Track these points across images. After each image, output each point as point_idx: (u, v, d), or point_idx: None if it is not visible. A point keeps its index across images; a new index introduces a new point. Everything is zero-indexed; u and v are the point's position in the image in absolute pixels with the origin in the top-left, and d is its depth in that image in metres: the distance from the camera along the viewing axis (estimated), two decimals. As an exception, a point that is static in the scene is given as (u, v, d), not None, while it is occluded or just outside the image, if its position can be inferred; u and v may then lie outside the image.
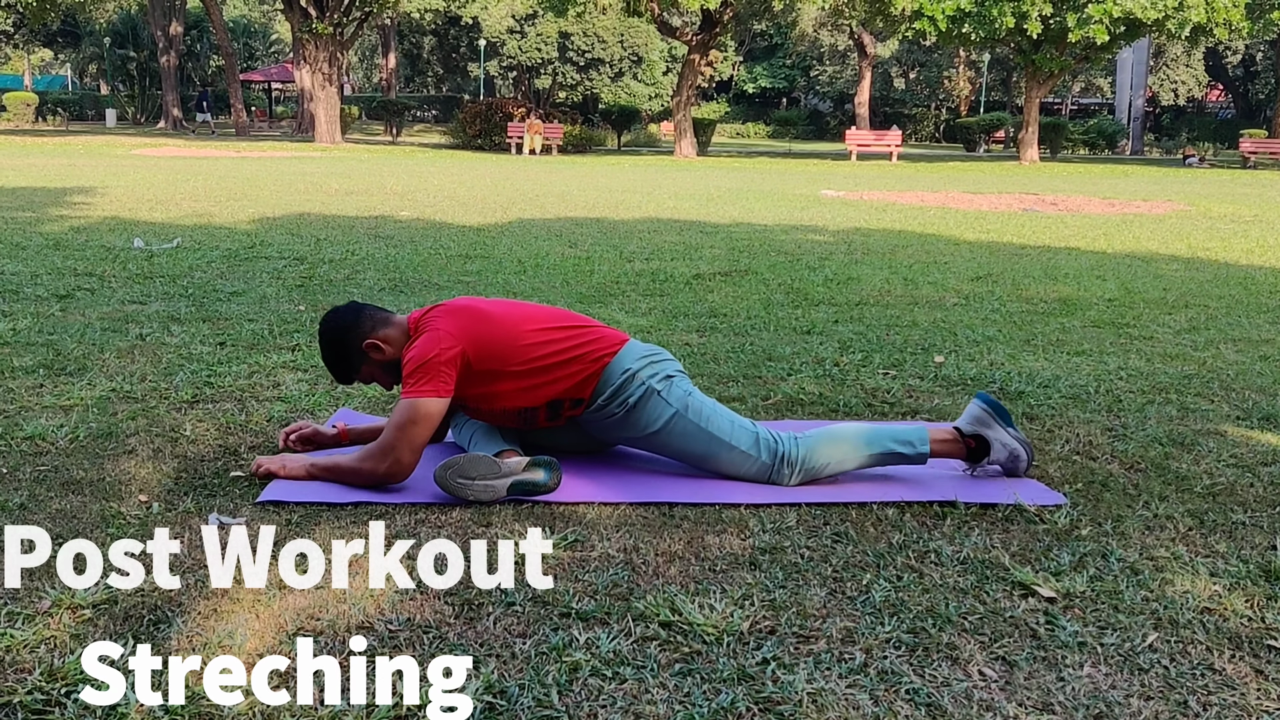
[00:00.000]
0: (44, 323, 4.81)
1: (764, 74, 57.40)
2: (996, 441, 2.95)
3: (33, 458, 2.97)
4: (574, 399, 2.92)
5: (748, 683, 1.88)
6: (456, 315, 2.88)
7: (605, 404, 2.90)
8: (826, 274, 7.05)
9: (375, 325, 2.94)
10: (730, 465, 2.89)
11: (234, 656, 1.89)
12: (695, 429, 2.89)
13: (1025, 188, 18.68)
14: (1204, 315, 5.80)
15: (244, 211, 10.48)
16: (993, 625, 2.12)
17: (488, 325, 2.87)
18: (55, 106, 47.20)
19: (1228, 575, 2.38)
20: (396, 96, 45.84)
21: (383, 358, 2.93)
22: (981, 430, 2.97)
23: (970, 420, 3.00)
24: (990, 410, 2.99)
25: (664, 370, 2.94)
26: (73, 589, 2.11)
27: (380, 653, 1.93)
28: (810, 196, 15.25)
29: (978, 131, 39.54)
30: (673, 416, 2.88)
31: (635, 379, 2.88)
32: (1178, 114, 55.72)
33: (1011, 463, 2.96)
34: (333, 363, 3.02)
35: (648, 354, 2.96)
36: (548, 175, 19.36)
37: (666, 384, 2.91)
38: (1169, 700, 1.86)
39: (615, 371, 2.89)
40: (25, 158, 20.62)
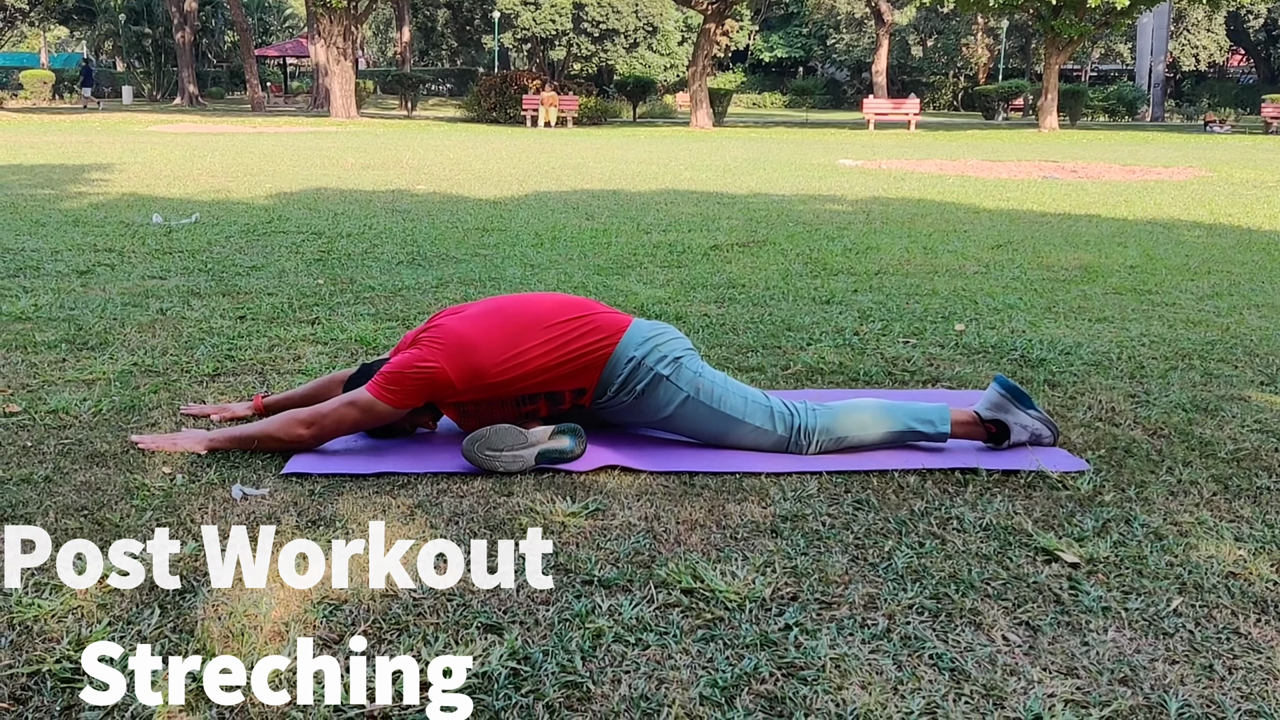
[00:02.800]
0: (65, 298, 4.83)
1: (780, 43, 57.01)
2: (1016, 425, 2.92)
3: (57, 431, 2.99)
4: (576, 390, 2.88)
5: (770, 648, 1.89)
6: (446, 350, 2.81)
7: (615, 394, 2.87)
8: (845, 243, 7.01)
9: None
10: (747, 441, 2.88)
11: (259, 625, 1.91)
12: (708, 410, 2.86)
13: (1045, 155, 18.54)
14: (1226, 281, 5.75)
15: (261, 186, 10.50)
16: (1016, 591, 2.11)
17: (471, 354, 2.80)
18: (72, 84, 47.29)
19: (1252, 540, 2.36)
20: (411, 70, 45.72)
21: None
22: (1000, 416, 2.94)
23: (988, 405, 2.96)
24: (1007, 394, 2.95)
25: (671, 352, 2.88)
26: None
27: (404, 620, 1.95)
28: (828, 166, 15.16)
29: (996, 99, 39.24)
30: (684, 400, 2.85)
31: (641, 366, 2.84)
32: (1199, 79, 55.13)
33: (1035, 443, 2.93)
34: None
35: (652, 336, 2.90)
36: (563, 148, 19.30)
37: (675, 367, 2.86)
38: (1194, 664, 1.85)
39: (620, 361, 2.84)
40: (43, 135, 20.69)
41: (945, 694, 1.75)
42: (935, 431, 2.91)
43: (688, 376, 2.86)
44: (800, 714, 1.69)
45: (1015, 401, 2.95)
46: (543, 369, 2.82)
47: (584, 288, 5.27)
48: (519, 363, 2.80)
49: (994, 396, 2.97)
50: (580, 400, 2.92)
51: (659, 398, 2.86)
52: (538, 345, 2.82)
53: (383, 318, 4.53)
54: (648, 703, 1.71)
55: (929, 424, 2.91)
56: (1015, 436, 2.93)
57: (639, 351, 2.85)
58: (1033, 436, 2.93)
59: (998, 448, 2.94)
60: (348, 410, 2.80)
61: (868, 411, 2.91)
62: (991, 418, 2.94)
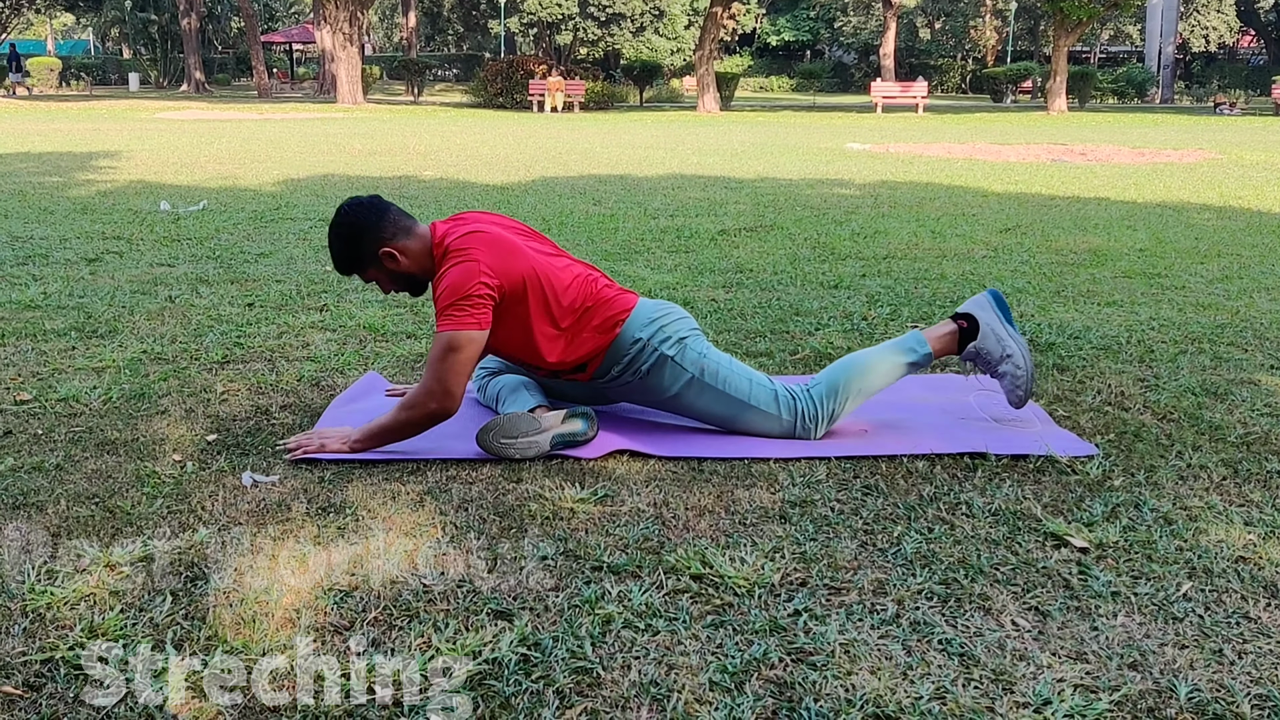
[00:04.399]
0: (74, 286, 4.84)
1: (787, 26, 56.76)
2: (986, 326, 2.92)
3: (67, 419, 3.00)
4: (576, 365, 2.86)
5: (780, 634, 1.89)
6: (494, 249, 2.73)
7: (620, 374, 2.86)
8: (853, 228, 7.00)
9: (396, 233, 2.78)
10: (754, 425, 2.87)
11: (270, 612, 1.92)
12: (713, 392, 2.85)
13: (1053, 138, 18.46)
14: (1236, 264, 5.73)
15: (268, 173, 10.50)
16: (1025, 576, 2.11)
17: (520, 261, 2.74)
18: (79, 71, 47.30)
19: (1262, 524, 2.36)
20: (417, 56, 45.66)
21: (396, 268, 2.79)
22: (974, 311, 2.96)
23: (968, 304, 2.99)
24: (992, 300, 2.98)
25: (676, 333, 2.86)
26: (110, 548, 2.14)
27: (415, 607, 1.96)
28: (835, 150, 15.12)
29: (1004, 82, 39.06)
30: (689, 381, 2.84)
31: (646, 347, 2.82)
32: (1209, 61, 54.79)
33: (1000, 351, 2.91)
34: (340, 256, 2.86)
35: (658, 316, 2.87)
36: (570, 133, 19.27)
37: (680, 348, 2.84)
38: (1204, 649, 1.85)
39: (625, 341, 2.82)
40: (50, 122, 20.70)
41: (954, 679, 1.75)
42: (921, 355, 2.94)
43: (692, 357, 2.85)
44: (809, 699, 1.69)
45: (997, 308, 2.96)
46: (565, 313, 2.78)
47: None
48: (551, 294, 2.77)
49: (979, 298, 3.00)
50: (578, 375, 2.89)
51: (664, 378, 2.85)
52: (568, 287, 2.80)
53: (391, 304, 4.53)
54: (657, 688, 1.72)
55: (911, 350, 2.94)
56: (983, 341, 2.92)
57: (644, 333, 2.83)
58: (999, 342, 2.91)
59: (965, 352, 2.96)
60: (451, 361, 2.65)
61: (854, 369, 2.91)
62: (964, 311, 2.98)
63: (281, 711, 1.65)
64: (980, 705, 1.68)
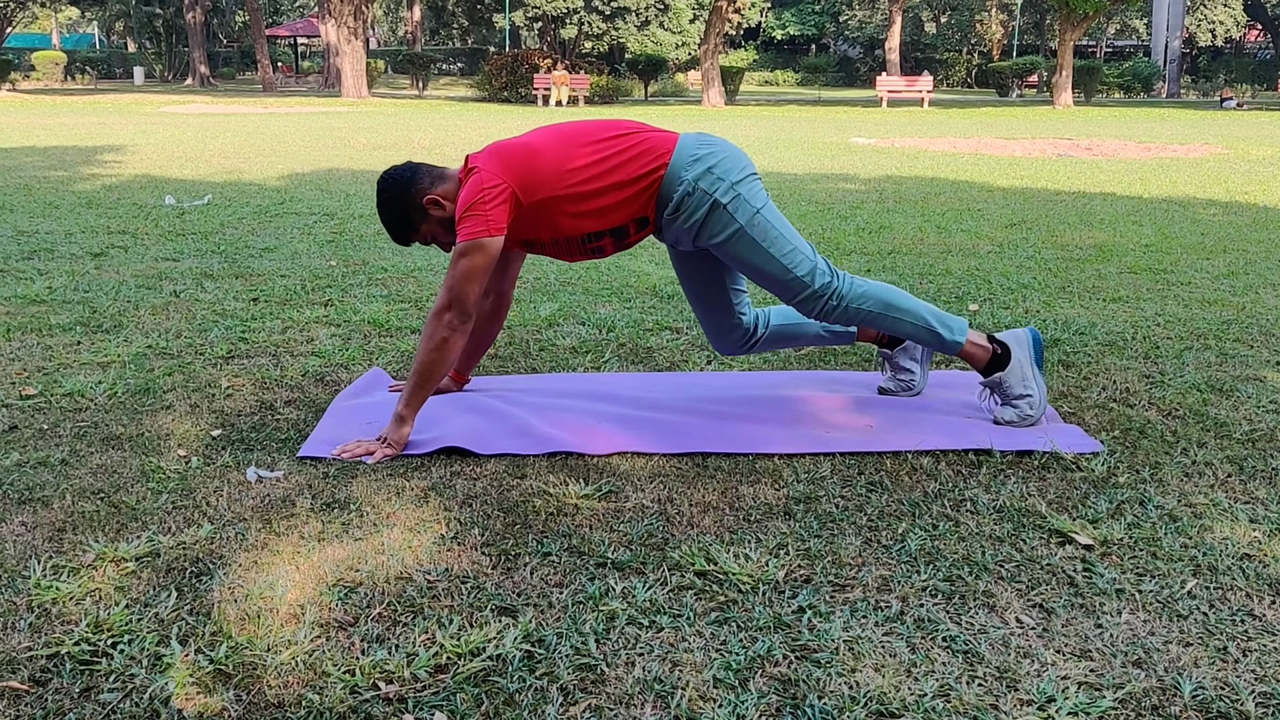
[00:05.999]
0: (79, 281, 4.85)
1: (792, 20, 56.66)
2: (1017, 362, 2.96)
3: (73, 414, 3.01)
4: (639, 219, 2.83)
5: (784, 631, 1.89)
6: (500, 155, 2.77)
7: (673, 217, 2.81)
8: (858, 223, 6.99)
9: (433, 181, 2.84)
10: (779, 287, 2.84)
11: (275, 607, 1.92)
12: (755, 247, 2.80)
13: (1059, 132, 18.42)
14: (1242, 260, 5.71)
15: (273, 167, 10.50)
16: (1030, 573, 2.11)
17: (532, 157, 2.77)
18: (84, 65, 47.33)
19: (1267, 521, 2.36)
20: (422, 49, 45.63)
21: (443, 214, 2.84)
22: (1011, 343, 2.99)
23: (1007, 335, 3.02)
24: (1030, 340, 3.01)
25: (728, 176, 2.79)
26: (116, 543, 2.14)
27: (419, 603, 1.96)
28: (840, 144, 15.09)
29: (1010, 76, 38.99)
30: (736, 232, 2.79)
31: (696, 191, 2.77)
32: (1215, 55, 54.65)
33: (1021, 390, 2.94)
34: (392, 222, 2.89)
35: (702, 155, 2.81)
36: (575, 127, 19.21)
37: (733, 196, 2.79)
38: (1208, 646, 1.85)
39: (672, 184, 2.78)
40: (56, 116, 20.72)
41: (959, 676, 1.75)
42: (950, 339, 2.94)
43: (746, 210, 2.79)
44: (814, 696, 1.69)
45: (1033, 351, 3.00)
46: (600, 190, 2.76)
47: (596, 267, 5.26)
48: (573, 169, 2.76)
49: (1019, 333, 3.03)
50: (645, 231, 2.87)
51: (714, 224, 2.80)
52: (588, 154, 2.78)
53: (395, 299, 4.53)
54: (661, 685, 1.72)
55: (947, 328, 2.94)
56: (1009, 376, 2.95)
57: (690, 173, 2.78)
58: (1023, 393, 2.94)
59: (988, 381, 2.98)
60: (463, 267, 2.69)
61: (896, 297, 2.92)
62: (1002, 340, 3.00)
63: (286, 707, 1.65)
64: (984, 703, 1.68)
